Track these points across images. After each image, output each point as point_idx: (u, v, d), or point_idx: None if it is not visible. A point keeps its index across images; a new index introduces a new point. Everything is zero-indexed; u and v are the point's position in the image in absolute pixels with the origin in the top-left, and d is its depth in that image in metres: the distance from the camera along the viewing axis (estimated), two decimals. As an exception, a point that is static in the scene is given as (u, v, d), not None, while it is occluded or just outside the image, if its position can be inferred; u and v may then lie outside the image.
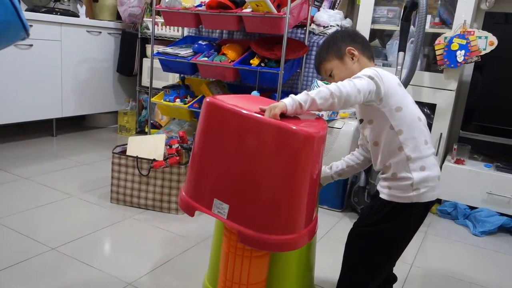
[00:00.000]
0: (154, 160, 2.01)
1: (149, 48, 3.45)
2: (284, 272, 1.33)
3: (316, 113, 1.28)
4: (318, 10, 2.72)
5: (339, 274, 1.33)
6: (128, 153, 2.09)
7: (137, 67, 3.52)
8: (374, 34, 2.67)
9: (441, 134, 2.38)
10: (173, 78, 3.34)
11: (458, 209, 2.30)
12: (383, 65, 2.58)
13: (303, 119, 1.11)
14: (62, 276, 1.49)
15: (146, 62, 3.47)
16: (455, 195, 2.35)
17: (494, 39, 2.19)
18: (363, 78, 1.13)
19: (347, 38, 1.30)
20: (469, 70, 2.53)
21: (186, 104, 2.68)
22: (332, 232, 2.05)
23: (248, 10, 2.38)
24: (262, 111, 1.04)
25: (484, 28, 2.27)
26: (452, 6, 2.39)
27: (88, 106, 3.40)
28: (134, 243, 1.77)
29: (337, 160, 2.34)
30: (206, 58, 2.59)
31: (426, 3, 2.10)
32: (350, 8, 2.94)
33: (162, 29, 3.39)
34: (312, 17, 2.64)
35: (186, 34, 3.12)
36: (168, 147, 2.06)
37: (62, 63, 3.12)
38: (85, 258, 1.60)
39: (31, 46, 2.87)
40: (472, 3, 2.24)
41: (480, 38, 2.21)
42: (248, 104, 1.10)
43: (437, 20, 2.47)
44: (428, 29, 2.37)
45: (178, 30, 3.31)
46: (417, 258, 1.88)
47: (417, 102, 1.26)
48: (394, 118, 1.17)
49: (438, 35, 2.33)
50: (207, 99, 1.08)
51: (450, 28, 2.34)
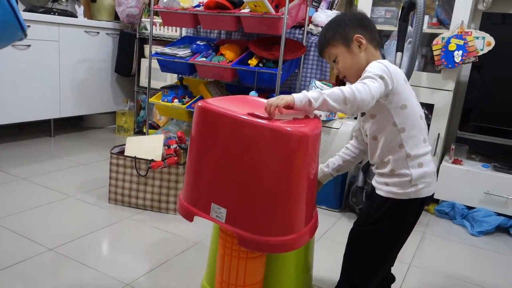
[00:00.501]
0: (152, 160, 2.01)
1: (147, 48, 3.45)
2: (282, 272, 1.33)
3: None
4: (316, 11, 2.72)
5: (340, 275, 1.34)
6: (126, 153, 2.08)
7: (135, 68, 3.51)
8: (372, 34, 2.67)
9: (438, 134, 2.38)
10: (171, 79, 3.34)
11: (456, 209, 2.31)
12: (381, 65, 2.58)
13: (297, 118, 1.11)
14: (60, 277, 1.49)
15: (144, 63, 3.47)
16: (453, 195, 2.36)
17: (491, 40, 2.19)
18: (376, 80, 1.09)
19: (356, 23, 1.23)
20: (466, 70, 2.53)
21: (184, 104, 2.68)
22: (330, 232, 2.05)
23: (246, 10, 2.38)
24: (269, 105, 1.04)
25: (481, 28, 2.28)
26: (449, 7, 2.39)
27: (86, 107, 3.40)
28: (132, 244, 1.77)
29: (335, 160, 2.32)
30: (204, 59, 2.59)
31: (424, 4, 2.10)
32: (348, 8, 2.94)
33: (160, 29, 3.39)
34: (310, 17, 2.64)
35: (184, 34, 3.11)
36: (166, 148, 2.06)
37: (60, 64, 3.12)
38: (83, 259, 1.60)
39: (29, 46, 2.86)
40: (469, 4, 2.25)
41: (477, 38, 2.21)
42: (240, 106, 1.10)
43: (434, 20, 2.47)
44: (425, 29, 2.38)
45: (176, 31, 3.31)
46: (415, 258, 1.88)
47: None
48: (398, 115, 1.17)
49: (435, 36, 2.34)
50: (199, 104, 1.07)
51: (448, 28, 2.34)
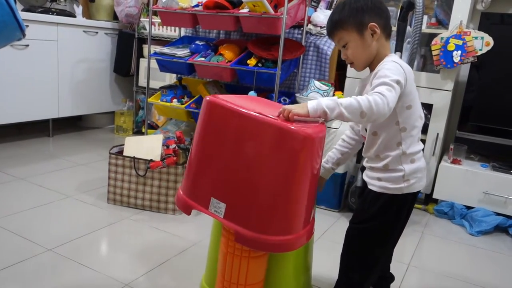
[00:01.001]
0: (151, 160, 2.00)
1: (146, 48, 3.44)
2: (281, 272, 1.33)
3: None
4: (315, 11, 2.72)
5: (338, 274, 1.34)
6: (125, 153, 2.08)
7: (134, 67, 3.51)
8: (371, 34, 2.67)
9: (437, 134, 2.38)
10: (170, 79, 3.34)
11: (455, 209, 2.31)
12: (380, 65, 2.58)
13: (302, 120, 1.11)
14: (59, 277, 1.48)
15: (143, 62, 3.46)
16: (452, 195, 2.36)
17: (490, 40, 2.20)
18: (394, 89, 1.06)
19: (373, 10, 1.17)
20: (465, 70, 2.54)
21: (183, 104, 2.67)
22: (329, 232, 2.05)
23: (245, 10, 2.38)
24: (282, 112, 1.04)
25: (480, 28, 2.28)
26: (448, 7, 2.40)
27: (85, 107, 3.39)
28: (131, 244, 1.77)
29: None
30: (203, 59, 2.59)
31: (423, 4, 2.10)
32: (347, 8, 2.94)
33: (159, 29, 3.39)
34: (309, 17, 2.64)
35: (183, 34, 3.11)
36: (165, 148, 2.06)
37: (59, 63, 3.11)
38: (81, 259, 1.60)
39: (27, 46, 2.86)
40: (468, 4, 2.25)
41: (476, 38, 2.21)
42: (247, 103, 1.10)
43: (433, 20, 2.48)
44: (424, 29, 2.38)
45: (175, 30, 3.31)
46: (414, 258, 1.88)
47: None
48: (402, 115, 1.17)
49: (434, 36, 2.34)
50: (207, 98, 1.07)
51: (447, 28, 2.35)
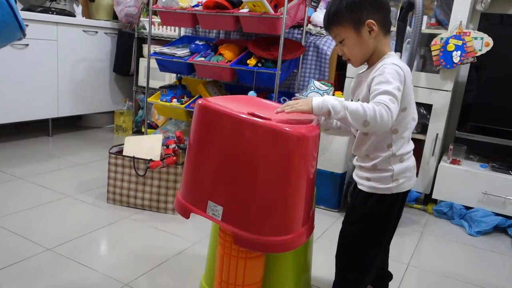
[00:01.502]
0: (151, 160, 2.00)
1: (145, 48, 3.44)
2: (281, 272, 1.33)
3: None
4: (315, 11, 2.72)
5: (334, 275, 1.34)
6: (124, 153, 2.08)
7: (133, 67, 3.51)
8: (370, 34, 2.67)
9: (437, 134, 2.38)
10: (169, 78, 3.34)
11: (454, 209, 2.31)
12: (380, 65, 2.58)
13: (296, 118, 1.12)
14: (58, 276, 1.48)
15: (143, 62, 3.46)
16: (451, 195, 2.36)
17: (489, 40, 2.20)
18: (396, 99, 1.06)
19: (372, 5, 1.14)
20: (465, 71, 2.54)
21: (183, 104, 2.68)
22: (328, 232, 2.05)
23: (245, 10, 2.38)
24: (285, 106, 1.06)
25: (479, 29, 2.28)
26: (448, 7, 2.40)
27: (84, 106, 3.39)
28: (130, 244, 1.77)
29: (334, 161, 2.35)
30: (203, 58, 2.59)
31: (422, 4, 2.11)
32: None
33: (159, 29, 3.39)
34: (309, 17, 2.64)
35: (183, 34, 3.11)
36: (165, 147, 2.06)
37: (58, 63, 3.11)
38: (81, 259, 1.60)
39: (27, 45, 2.85)
40: (468, 4, 2.25)
41: (476, 39, 2.22)
42: (240, 105, 1.11)
43: (433, 21, 2.48)
44: (424, 29, 2.38)
45: (175, 30, 3.31)
46: (413, 258, 1.89)
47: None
48: (396, 117, 1.13)
49: (434, 36, 2.34)
50: (199, 102, 1.08)
51: (446, 29, 2.35)
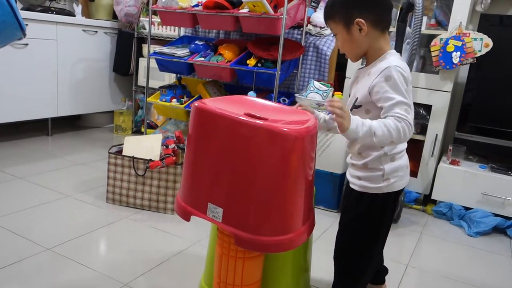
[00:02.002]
0: (151, 160, 2.00)
1: (145, 47, 3.44)
2: (280, 272, 1.33)
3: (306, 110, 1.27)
4: (315, 11, 2.73)
5: (333, 277, 1.35)
6: (124, 153, 2.08)
7: (133, 67, 3.51)
8: (370, 35, 2.67)
9: (436, 135, 2.39)
10: (169, 78, 3.34)
11: (453, 209, 2.32)
12: (379, 66, 2.59)
13: (293, 118, 1.12)
14: (57, 276, 1.48)
15: (143, 62, 3.46)
16: (450, 196, 2.36)
17: (489, 41, 2.20)
18: (409, 105, 1.09)
19: (363, 4, 1.14)
20: (464, 71, 2.54)
21: (182, 104, 2.68)
22: (328, 232, 2.05)
23: (245, 10, 2.38)
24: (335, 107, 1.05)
25: (479, 30, 2.28)
26: (448, 8, 2.40)
27: (84, 106, 3.39)
28: (130, 243, 1.77)
29: (333, 161, 2.35)
30: (203, 58, 2.59)
31: (422, 5, 2.11)
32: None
33: (158, 28, 3.39)
34: (308, 18, 2.64)
35: (182, 34, 3.11)
36: (164, 147, 2.06)
37: (58, 63, 3.11)
38: (80, 259, 1.60)
39: (27, 45, 2.85)
40: (467, 5, 2.25)
41: (475, 39, 2.22)
42: (237, 107, 1.11)
43: (433, 21, 2.48)
44: (424, 30, 2.38)
45: (174, 30, 3.31)
46: (412, 258, 1.89)
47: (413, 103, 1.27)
48: None
49: (434, 37, 2.35)
50: (196, 104, 1.08)
51: (446, 29, 2.35)
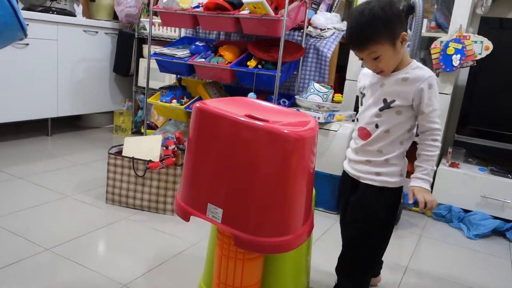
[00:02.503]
0: (150, 161, 2.00)
1: (146, 48, 3.45)
2: (279, 274, 1.33)
3: (307, 112, 1.29)
4: (315, 13, 2.73)
5: (338, 276, 1.37)
6: (124, 153, 2.08)
7: (133, 67, 3.51)
8: (370, 37, 2.68)
9: (436, 137, 2.39)
10: (169, 79, 3.34)
11: (453, 212, 2.32)
12: (380, 68, 2.59)
13: (293, 120, 1.12)
14: (57, 277, 1.48)
15: (143, 63, 3.47)
16: (450, 198, 2.37)
17: (489, 44, 2.21)
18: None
19: (398, 17, 1.18)
20: (464, 74, 2.55)
21: (182, 105, 2.68)
22: (328, 234, 2.06)
23: (245, 12, 2.39)
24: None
25: (479, 32, 2.29)
26: (448, 11, 2.40)
27: (84, 106, 3.39)
28: (129, 244, 1.77)
29: (333, 163, 2.34)
30: (203, 59, 2.59)
31: (423, 7, 2.11)
32: (347, 10, 2.95)
33: (159, 29, 3.39)
34: (309, 19, 2.65)
35: (183, 35, 3.12)
36: (164, 148, 2.06)
37: (58, 63, 3.11)
38: (80, 259, 1.60)
39: (27, 45, 2.85)
40: (468, 8, 2.26)
41: (475, 42, 2.22)
42: (238, 108, 1.11)
43: (433, 24, 2.49)
44: (424, 33, 2.39)
45: (175, 31, 3.31)
46: (411, 261, 1.89)
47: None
48: (415, 120, 1.32)
49: (434, 39, 2.35)
50: (197, 105, 1.08)
51: (446, 32, 2.36)
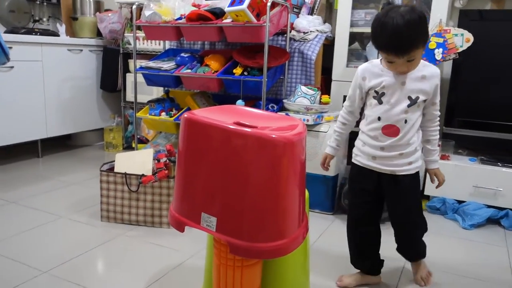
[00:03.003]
0: (143, 175, 2.00)
1: (131, 63, 3.45)
2: (279, 278, 1.33)
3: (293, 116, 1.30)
4: (297, 17, 2.75)
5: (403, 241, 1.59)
6: (116, 169, 2.08)
7: (120, 83, 3.51)
8: (353, 37, 2.71)
9: (425, 131, 2.41)
10: (157, 92, 3.34)
11: (447, 204, 2.34)
12: (364, 67, 2.62)
13: (281, 124, 1.13)
14: (56, 299, 1.47)
15: (130, 77, 3.46)
16: (443, 191, 2.36)
17: (470, 36, 2.24)
18: None
19: (426, 22, 1.32)
20: (448, 67, 2.58)
21: (172, 117, 2.68)
22: (324, 235, 2.06)
23: (228, 20, 2.40)
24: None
25: (459, 25, 2.32)
26: (427, 6, 2.44)
27: (73, 125, 3.38)
28: (127, 261, 1.76)
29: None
30: (189, 70, 2.60)
31: (402, 4, 2.14)
32: (328, 13, 2.98)
33: (143, 43, 3.39)
34: (292, 23, 2.67)
35: (168, 47, 3.12)
36: (156, 161, 2.06)
37: (45, 83, 3.10)
38: (78, 279, 1.59)
39: (12, 68, 2.84)
40: (446, 2, 2.29)
41: (456, 35, 2.26)
42: (226, 116, 1.12)
43: (413, 20, 2.51)
44: (405, 29, 2.41)
45: (159, 44, 3.32)
46: (409, 255, 1.90)
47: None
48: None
49: (415, 35, 2.37)
50: (185, 115, 1.09)
51: (427, 27, 2.38)
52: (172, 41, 3.06)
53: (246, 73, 2.48)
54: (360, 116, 1.57)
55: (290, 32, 2.65)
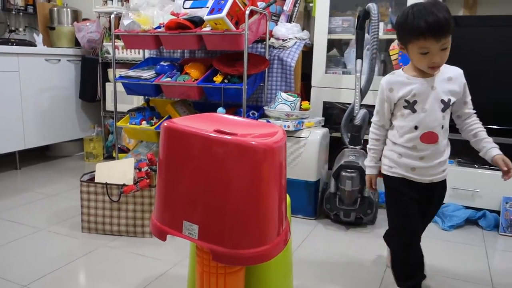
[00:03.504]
0: (124, 185, 1.98)
1: (111, 72, 3.42)
2: (262, 285, 1.34)
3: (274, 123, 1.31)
4: (276, 24, 2.78)
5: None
6: (96, 180, 2.05)
7: (100, 92, 3.47)
8: (331, 43, 2.75)
9: (403, 135, 2.46)
10: (137, 101, 3.32)
11: (426, 206, 2.38)
12: (343, 72, 2.66)
13: (261, 131, 1.14)
14: (36, 313, 1.44)
15: (109, 87, 3.44)
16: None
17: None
18: None
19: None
20: (424, 72, 2.64)
21: (152, 125, 2.67)
22: (308, 240, 2.08)
23: (207, 28, 2.41)
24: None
25: (433, 31, 2.38)
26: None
27: (51, 136, 3.33)
28: (110, 271, 1.74)
29: (307, 169, 2.37)
30: (169, 79, 2.60)
31: (378, 12, 2.19)
32: (307, 20, 3.02)
33: (123, 52, 3.37)
34: (270, 31, 2.70)
35: (147, 56, 3.11)
36: (137, 171, 2.04)
37: (22, 94, 3.05)
38: (59, 292, 1.56)
39: (-13, 79, 2.79)
40: (420, 9, 2.35)
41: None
42: (206, 124, 1.13)
43: (389, 26, 2.58)
44: (382, 36, 2.47)
45: (139, 53, 3.30)
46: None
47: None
48: None
49: (392, 41, 2.43)
50: (165, 124, 1.10)
51: (402, 33, 2.44)
52: (151, 50, 3.05)
53: (226, 80, 2.50)
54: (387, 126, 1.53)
55: (269, 39, 2.67)
